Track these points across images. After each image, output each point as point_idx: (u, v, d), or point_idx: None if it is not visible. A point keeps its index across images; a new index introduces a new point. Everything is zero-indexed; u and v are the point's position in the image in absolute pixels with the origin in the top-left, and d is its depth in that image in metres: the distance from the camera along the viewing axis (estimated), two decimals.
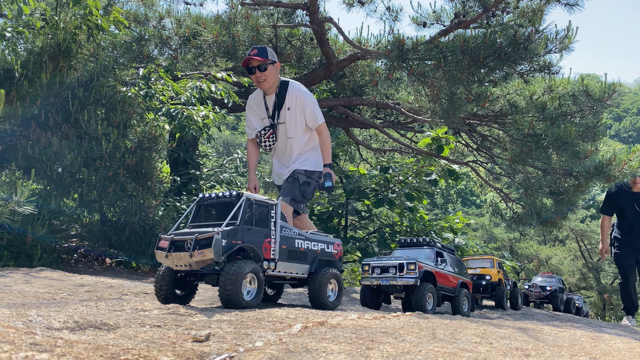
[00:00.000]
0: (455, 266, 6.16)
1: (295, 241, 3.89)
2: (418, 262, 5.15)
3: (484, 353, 2.51)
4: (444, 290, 5.70)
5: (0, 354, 1.49)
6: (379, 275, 5.24)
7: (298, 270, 3.93)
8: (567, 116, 9.49)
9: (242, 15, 8.98)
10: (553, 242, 25.88)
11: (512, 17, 8.65)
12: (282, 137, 4.99)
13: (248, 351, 2.22)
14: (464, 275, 6.34)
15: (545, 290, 12.50)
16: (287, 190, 4.77)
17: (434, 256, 5.70)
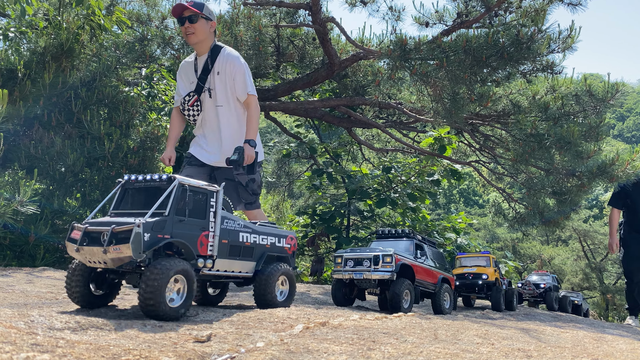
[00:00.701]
0: (436, 260, 5.82)
1: (239, 235, 3.43)
2: (395, 255, 4.78)
3: (486, 354, 2.50)
4: (424, 286, 5.37)
5: (1, 355, 1.49)
6: (352, 269, 4.82)
7: (242, 268, 3.48)
8: (570, 116, 9.47)
9: (245, 15, 8.98)
10: (556, 242, 25.82)
11: (514, 17, 8.63)
12: (209, 106, 4.43)
13: (249, 352, 2.22)
14: (446, 271, 6.01)
15: (539, 287, 12.21)
16: (236, 199, 4.35)
17: (413, 249, 5.36)
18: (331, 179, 12.16)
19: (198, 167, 4.57)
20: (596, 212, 35.26)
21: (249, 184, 4.34)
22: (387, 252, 4.76)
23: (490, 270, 8.70)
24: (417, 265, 5.17)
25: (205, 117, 4.49)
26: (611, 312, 20.04)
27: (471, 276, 8.61)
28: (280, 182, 14.22)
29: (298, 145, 12.81)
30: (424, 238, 5.92)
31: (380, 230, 5.82)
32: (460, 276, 8.63)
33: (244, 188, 4.34)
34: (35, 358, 1.53)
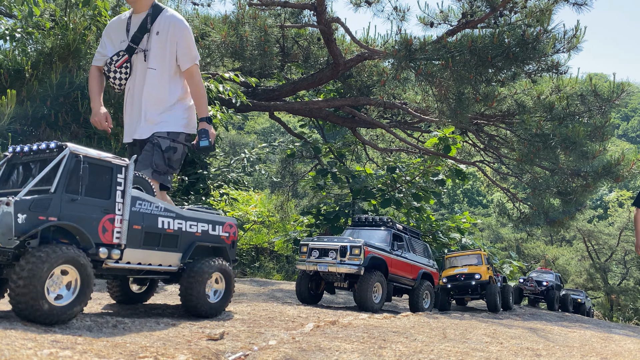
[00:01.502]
0: (418, 253, 5.37)
1: (157, 220, 2.77)
2: (364, 246, 4.29)
3: (495, 353, 2.52)
4: (399, 282, 4.89)
5: (25, 351, 1.52)
6: (316, 260, 4.34)
7: (163, 260, 2.79)
8: (575, 116, 9.47)
9: (250, 15, 9.01)
10: (560, 243, 25.78)
11: (519, 17, 8.64)
12: (140, 70, 3.76)
13: (262, 350, 2.25)
14: (428, 265, 5.51)
15: (541, 285, 11.78)
16: (147, 161, 3.66)
17: (390, 239, 4.88)
18: (335, 179, 12.19)
19: None
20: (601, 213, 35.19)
21: (168, 151, 3.66)
22: (355, 243, 4.30)
23: (483, 268, 8.21)
24: (391, 258, 4.73)
25: (136, 82, 3.76)
26: (616, 313, 20.01)
27: (463, 277, 8.10)
28: (284, 182, 14.25)
29: (302, 145, 12.84)
30: (406, 228, 5.45)
31: (357, 217, 5.35)
32: (451, 278, 8.16)
33: (161, 152, 3.64)
34: (57, 354, 1.56)
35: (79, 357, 1.59)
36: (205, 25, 9.05)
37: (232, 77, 9.92)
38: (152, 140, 3.65)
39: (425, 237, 11.70)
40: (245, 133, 39.47)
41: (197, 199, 10.33)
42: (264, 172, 11.46)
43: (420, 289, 5.10)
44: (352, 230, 5.27)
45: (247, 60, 9.60)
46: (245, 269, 12.35)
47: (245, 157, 11.10)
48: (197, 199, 10.32)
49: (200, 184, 10.75)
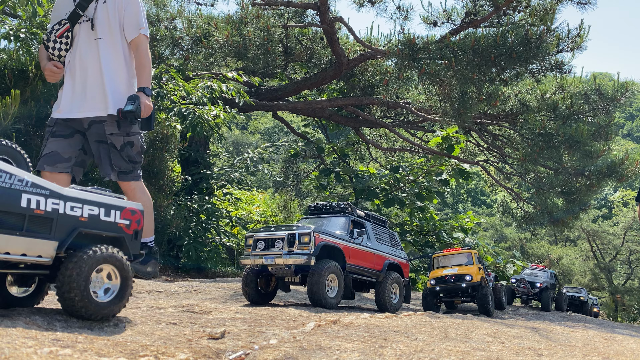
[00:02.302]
0: (384, 242, 4.86)
1: (20, 196, 2.19)
2: (315, 233, 3.77)
3: (497, 352, 2.52)
4: (361, 274, 4.36)
5: (25, 349, 1.53)
6: (262, 252, 3.81)
7: (28, 249, 2.21)
8: (579, 115, 9.44)
9: (253, 15, 9.03)
10: (564, 242, 25.71)
11: (523, 16, 8.61)
12: (86, 40, 3.46)
13: (263, 349, 2.25)
14: (396, 255, 4.97)
15: (535, 287, 11.04)
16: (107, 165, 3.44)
17: (348, 227, 4.37)
18: (339, 178, 12.19)
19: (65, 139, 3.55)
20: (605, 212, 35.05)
21: (125, 149, 3.41)
22: (304, 230, 3.78)
23: (474, 268, 7.66)
24: (350, 246, 4.18)
25: (82, 54, 3.45)
26: (620, 313, 19.93)
27: (453, 279, 7.58)
28: (288, 181, 14.27)
29: (306, 145, 12.85)
30: (369, 215, 4.97)
31: (312, 206, 4.85)
32: (439, 279, 7.69)
33: (118, 153, 3.42)
34: (57, 352, 1.56)
35: (79, 355, 1.60)
36: (209, 25, 9.07)
37: (235, 77, 9.93)
38: (105, 140, 3.42)
39: (429, 237, 11.68)
40: (248, 133, 39.52)
41: (201, 198, 10.35)
42: (267, 172, 11.47)
43: (386, 282, 4.51)
44: (309, 220, 4.72)
45: (250, 60, 9.62)
46: None
47: (248, 157, 11.12)
48: (200, 198, 10.34)
49: (204, 183, 10.77)
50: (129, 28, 3.48)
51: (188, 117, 9.14)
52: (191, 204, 10.05)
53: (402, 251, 5.24)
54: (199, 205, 10.15)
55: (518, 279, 11.41)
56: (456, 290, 7.52)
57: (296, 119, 17.70)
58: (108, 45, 3.46)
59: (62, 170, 3.47)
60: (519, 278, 11.42)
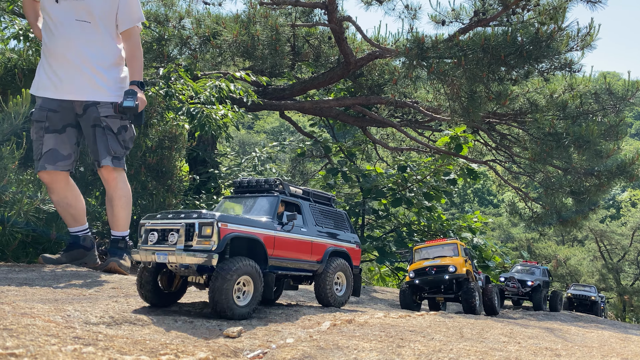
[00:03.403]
0: (328, 226, 4.05)
1: None
2: (219, 222, 2.95)
3: (514, 352, 2.50)
4: (292, 268, 3.55)
5: (49, 347, 1.53)
6: (153, 246, 3.04)
7: None
8: (589, 114, 9.40)
9: (261, 14, 9.02)
10: (572, 243, 25.58)
11: (532, 15, 8.57)
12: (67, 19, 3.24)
13: (280, 347, 2.25)
14: (344, 240, 4.16)
15: (526, 285, 10.15)
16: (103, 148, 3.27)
17: (276, 209, 3.55)
18: (346, 178, 12.17)
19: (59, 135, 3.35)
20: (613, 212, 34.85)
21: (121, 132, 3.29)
22: (206, 218, 2.98)
23: (459, 260, 6.73)
24: (274, 236, 3.37)
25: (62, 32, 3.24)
26: (628, 314, 19.81)
27: (434, 270, 6.65)
28: (294, 181, 14.26)
29: (313, 144, 12.84)
30: (308, 192, 4.10)
31: (237, 181, 3.97)
32: (419, 272, 6.84)
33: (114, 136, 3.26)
34: (81, 350, 1.56)
35: (102, 353, 1.60)
36: (217, 24, 9.08)
37: (243, 76, 9.93)
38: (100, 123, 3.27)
39: (437, 237, 11.63)
40: (254, 133, 39.56)
41: (209, 197, 10.37)
42: (274, 171, 11.47)
43: (327, 273, 3.75)
44: (231, 200, 3.90)
45: (258, 60, 9.62)
46: None
47: (256, 156, 11.12)
48: (208, 197, 10.36)
49: (212, 182, 10.78)
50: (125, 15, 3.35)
51: (196, 117, 9.15)
52: (199, 203, 10.07)
53: (354, 235, 4.40)
54: (207, 205, 10.16)
55: (507, 277, 10.48)
56: (438, 283, 6.65)
57: (303, 119, 17.71)
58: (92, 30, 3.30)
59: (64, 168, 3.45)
60: (508, 276, 10.50)
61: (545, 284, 10.31)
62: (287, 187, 3.86)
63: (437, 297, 6.80)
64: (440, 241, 7.83)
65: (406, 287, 6.92)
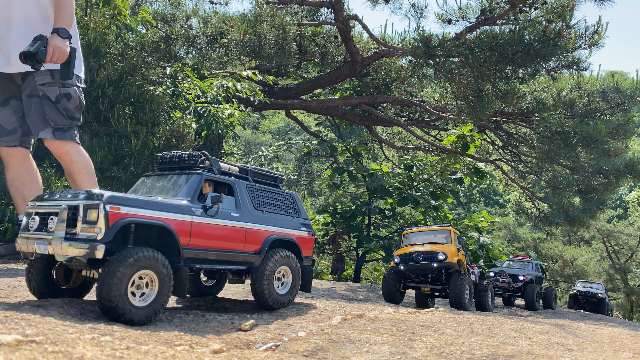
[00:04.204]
0: (270, 210, 3.41)
1: None
2: (108, 205, 2.43)
3: (526, 347, 2.50)
4: (214, 261, 2.92)
5: (68, 335, 1.54)
6: (33, 234, 2.57)
7: None
8: (597, 113, 9.36)
9: (268, 13, 9.04)
10: (578, 243, 25.46)
11: (540, 13, 8.55)
12: None
13: (292, 340, 2.26)
14: (291, 227, 3.51)
15: (517, 280, 9.29)
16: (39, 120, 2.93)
17: (197, 190, 2.97)
18: (352, 177, 12.17)
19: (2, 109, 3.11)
20: (620, 212, 34.67)
21: (61, 101, 2.92)
22: (91, 200, 2.44)
23: (450, 248, 6.05)
24: (190, 222, 2.76)
25: None
26: (636, 314, 19.69)
27: (422, 256, 5.96)
28: (300, 180, 14.28)
29: (319, 144, 12.86)
30: (246, 170, 3.49)
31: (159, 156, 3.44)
32: (405, 257, 6.14)
33: (53, 105, 2.94)
34: (99, 339, 1.57)
35: (119, 342, 1.61)
36: (224, 23, 9.10)
37: (249, 76, 9.97)
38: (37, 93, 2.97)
39: None
40: (260, 133, 39.64)
41: None
42: (281, 170, 11.49)
43: (266, 267, 3.12)
44: (148, 179, 3.36)
45: (265, 59, 9.64)
46: None
47: (262, 155, 11.14)
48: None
49: None
50: None
51: (203, 116, 9.20)
52: None
53: (306, 220, 3.70)
54: None
55: (497, 272, 9.55)
56: (425, 271, 5.93)
57: (308, 119, 17.73)
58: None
59: (9, 144, 3.09)
60: (498, 271, 9.58)
61: (538, 279, 9.60)
62: (216, 163, 3.30)
63: (423, 287, 6.06)
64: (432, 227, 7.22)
65: (390, 273, 6.23)
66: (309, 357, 2.00)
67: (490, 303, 6.18)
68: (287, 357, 1.88)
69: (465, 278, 5.57)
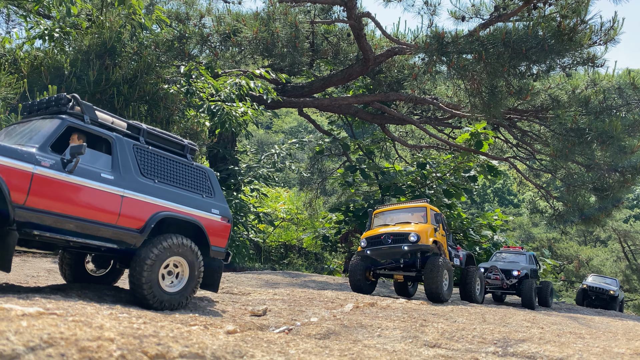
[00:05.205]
0: (165, 181, 2.75)
1: None
2: None
3: (538, 334, 2.50)
4: (67, 232, 2.26)
5: (88, 309, 1.59)
6: None
7: None
8: (612, 110, 9.26)
9: (281, 12, 9.09)
10: (594, 243, 25.14)
11: (554, 9, 8.48)
12: None
13: (305, 325, 2.29)
14: (195, 206, 2.83)
15: (511, 276, 8.05)
16: None
17: (53, 138, 2.37)
18: (364, 175, 12.17)
19: None
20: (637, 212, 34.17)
21: None
22: None
23: (424, 228, 5.11)
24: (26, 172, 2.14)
25: None
26: None
27: (390, 239, 5.05)
28: (313, 179, 14.31)
29: (331, 142, 12.88)
30: (138, 127, 2.90)
31: (26, 104, 2.82)
32: (372, 240, 5.30)
33: None
34: (117, 315, 1.62)
35: (136, 320, 1.66)
36: (237, 22, 9.17)
37: (262, 74, 10.03)
38: None
39: (457, 235, 11.55)
40: (272, 132, 39.77)
41: (229, 194, 10.48)
42: (294, 168, 11.53)
43: (149, 252, 2.46)
44: (14, 126, 2.76)
45: (278, 57, 9.69)
46: (275, 265, 12.46)
47: (275, 153, 11.19)
48: (228, 194, 10.47)
49: (232, 179, 10.89)
50: None
51: (217, 114, 9.28)
52: None
53: (221, 203, 3.07)
54: (227, 201, 10.29)
55: (487, 267, 8.34)
56: (395, 256, 5.06)
57: (320, 118, 17.77)
58: None
59: None
60: (489, 266, 8.39)
61: (533, 272, 8.60)
62: (90, 110, 2.67)
63: (396, 274, 5.14)
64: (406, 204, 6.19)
65: (357, 260, 5.30)
66: (321, 339, 2.03)
67: (478, 293, 5.34)
68: (301, 339, 1.91)
69: (444, 262, 4.65)
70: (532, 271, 8.21)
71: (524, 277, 7.77)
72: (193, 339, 1.39)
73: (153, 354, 1.20)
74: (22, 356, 0.98)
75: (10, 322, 1.12)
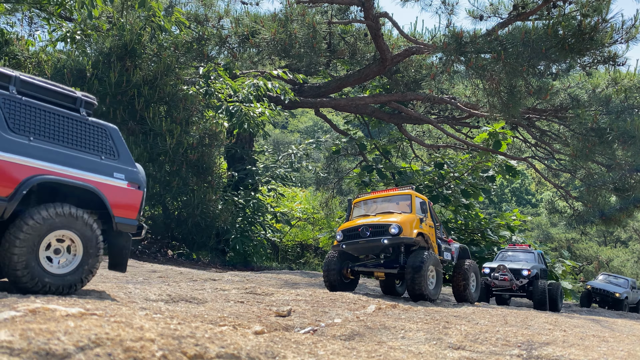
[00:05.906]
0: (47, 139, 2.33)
1: None
2: None
3: (561, 337, 2.50)
4: None
5: (123, 310, 1.65)
6: None
7: None
8: (634, 109, 9.13)
9: (298, 12, 9.14)
10: (614, 244, 24.78)
11: (574, 7, 8.40)
12: None
13: (329, 326, 2.33)
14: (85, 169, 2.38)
15: (521, 276, 7.24)
16: None
17: None
18: (381, 175, 12.16)
19: None
20: None
21: None
22: None
23: (407, 218, 4.50)
24: None
25: None
26: None
27: (369, 231, 4.46)
28: (329, 178, 14.34)
29: (348, 142, 12.90)
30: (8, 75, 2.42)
31: None
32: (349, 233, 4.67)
33: None
34: (152, 316, 1.68)
35: (169, 320, 1.71)
36: (256, 23, 9.24)
37: (280, 75, 10.10)
38: None
39: (474, 235, 11.49)
40: (288, 132, 39.92)
41: (247, 193, 10.57)
42: (310, 168, 11.58)
43: (22, 225, 2.12)
44: None
45: (295, 58, 9.74)
46: (292, 264, 12.54)
47: (292, 153, 11.26)
48: (246, 193, 10.56)
49: (249, 179, 10.98)
50: None
51: (235, 115, 9.38)
52: (237, 199, 10.29)
53: (129, 167, 2.61)
54: (245, 201, 10.38)
55: (494, 267, 7.61)
56: (373, 250, 4.48)
57: (337, 118, 17.79)
58: None
59: None
60: (495, 266, 7.62)
61: (543, 272, 7.77)
62: None
63: (376, 271, 4.50)
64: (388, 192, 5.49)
65: (331, 256, 4.71)
66: (346, 341, 2.06)
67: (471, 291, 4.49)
68: (327, 340, 1.95)
69: (429, 257, 4.04)
70: (542, 271, 7.55)
71: (535, 278, 7.09)
72: (227, 339, 1.44)
73: (192, 354, 1.25)
74: (73, 355, 1.04)
75: (57, 323, 1.18)
